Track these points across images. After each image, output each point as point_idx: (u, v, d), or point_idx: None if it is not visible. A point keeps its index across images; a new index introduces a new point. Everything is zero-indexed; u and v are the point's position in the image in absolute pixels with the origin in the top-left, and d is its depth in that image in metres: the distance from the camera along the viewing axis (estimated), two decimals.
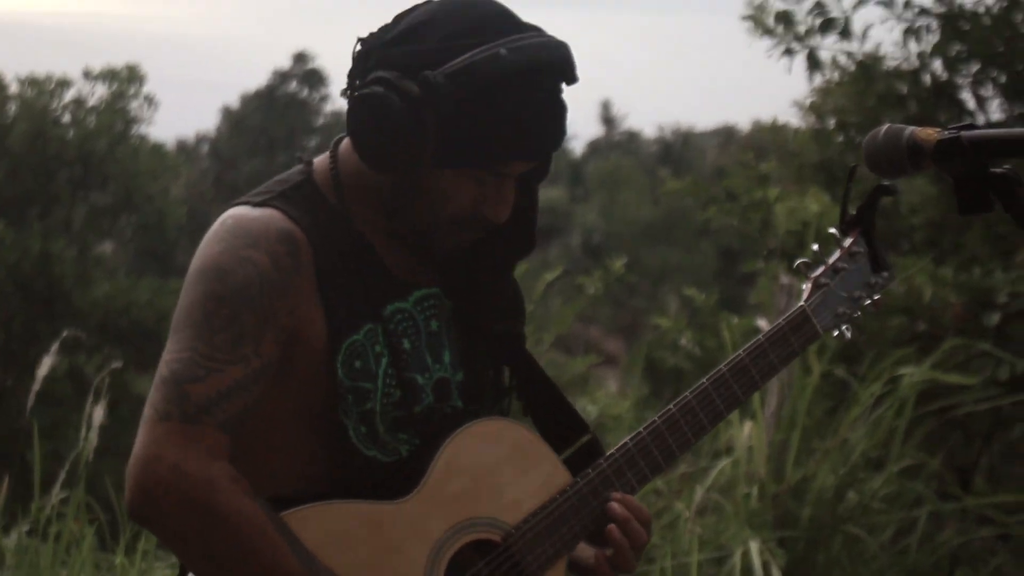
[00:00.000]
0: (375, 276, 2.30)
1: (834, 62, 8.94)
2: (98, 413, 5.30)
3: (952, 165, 2.13)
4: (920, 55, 8.64)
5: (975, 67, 8.74)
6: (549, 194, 46.89)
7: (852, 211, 2.58)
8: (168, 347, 2.20)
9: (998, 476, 7.38)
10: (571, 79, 2.29)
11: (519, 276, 2.41)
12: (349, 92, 2.29)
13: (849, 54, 8.92)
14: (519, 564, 2.30)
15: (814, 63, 9.11)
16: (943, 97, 8.65)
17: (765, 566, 5.34)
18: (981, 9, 8.50)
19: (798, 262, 2.57)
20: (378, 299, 2.29)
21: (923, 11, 8.58)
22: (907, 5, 8.58)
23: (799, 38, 8.85)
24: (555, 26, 2.35)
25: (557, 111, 2.28)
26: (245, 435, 2.23)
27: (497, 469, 2.31)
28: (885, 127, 2.18)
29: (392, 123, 2.20)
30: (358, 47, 2.30)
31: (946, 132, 2.13)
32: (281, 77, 46.42)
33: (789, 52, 9.07)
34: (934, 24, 8.61)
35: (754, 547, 5.37)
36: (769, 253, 7.55)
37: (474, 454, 2.29)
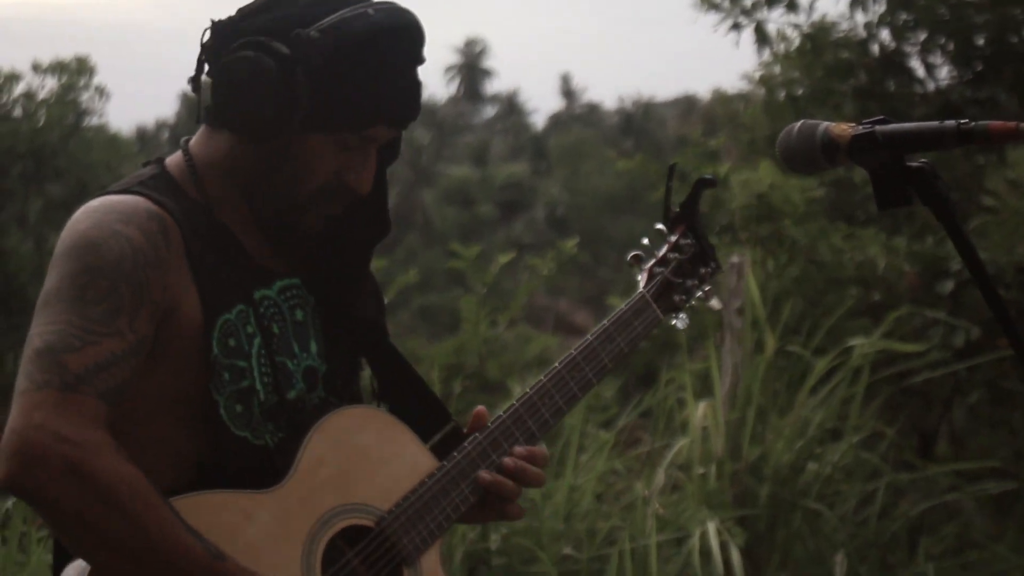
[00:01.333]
0: (239, 262, 2.30)
1: (780, 35, 8.94)
2: None
3: (867, 160, 2.13)
4: (867, 25, 8.65)
5: (922, 35, 8.75)
6: (512, 169, 46.86)
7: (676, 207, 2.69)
8: (37, 322, 2.15)
9: (960, 442, 7.42)
10: (420, 55, 2.33)
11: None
12: (208, 67, 2.28)
13: (796, 26, 8.92)
14: (395, 547, 2.31)
15: (762, 37, 9.11)
16: (892, 66, 8.66)
17: (723, 546, 5.34)
18: None
19: (630, 254, 2.66)
20: (246, 283, 2.30)
21: None
22: None
23: (746, 12, 8.85)
24: None
25: (417, 80, 2.32)
26: (118, 431, 2.18)
27: (365, 456, 2.32)
28: (799, 124, 2.17)
29: (265, 84, 2.21)
30: (207, 34, 2.29)
31: (860, 127, 2.12)
32: None
33: (737, 27, 9.08)
34: None
35: (712, 528, 5.37)
36: (721, 229, 7.57)
37: (341, 441, 2.30)
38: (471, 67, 54.63)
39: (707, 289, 2.68)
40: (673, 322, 2.64)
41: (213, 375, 2.22)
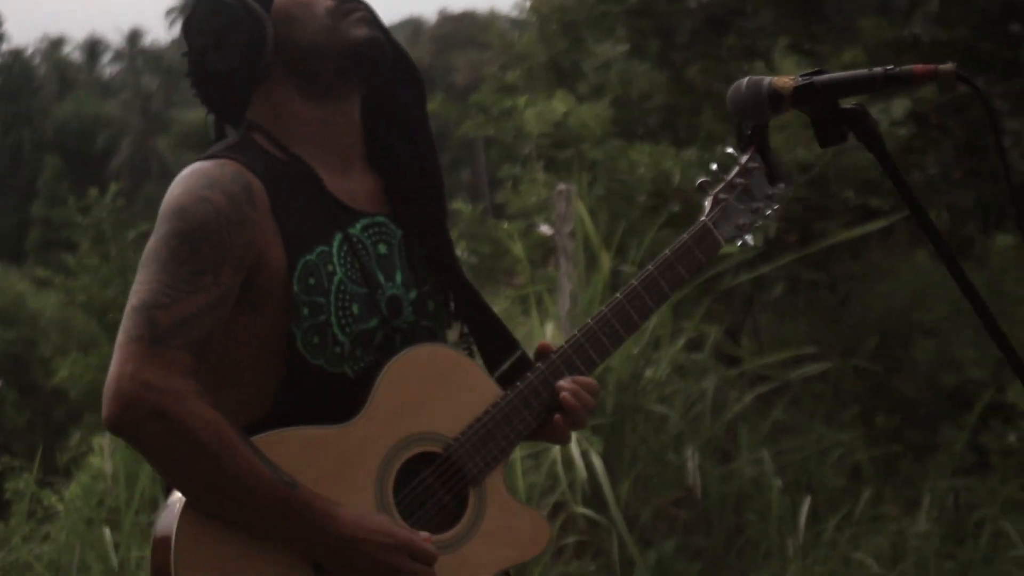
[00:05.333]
0: (324, 205, 2.57)
1: None
2: None
3: (809, 106, 2.47)
4: None
5: None
6: None
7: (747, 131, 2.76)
8: (137, 280, 2.45)
9: (762, 336, 7.98)
10: None
11: None
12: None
13: None
14: (461, 470, 2.57)
15: None
16: None
17: (584, 455, 5.73)
18: None
19: (700, 180, 2.82)
20: (329, 225, 2.56)
21: None
22: None
23: None
24: None
25: None
26: (210, 372, 2.48)
27: (433, 388, 2.56)
28: (746, 80, 2.50)
29: (215, 21, 2.58)
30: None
31: (800, 79, 2.47)
32: None
33: None
34: None
35: (572, 437, 5.73)
36: (524, 158, 7.93)
37: (411, 376, 2.55)
38: None
39: (776, 208, 2.80)
40: (739, 243, 2.78)
41: (293, 311, 2.48)
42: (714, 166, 2.79)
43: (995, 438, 8.31)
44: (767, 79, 2.50)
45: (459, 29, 47.94)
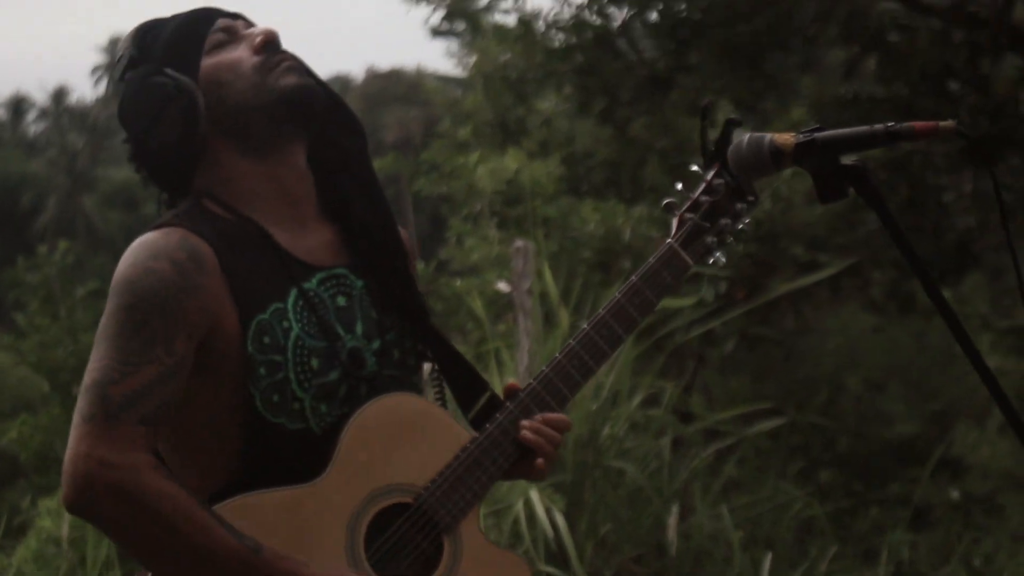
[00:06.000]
0: (278, 261, 2.55)
1: (496, 27, 9.36)
2: None
3: (809, 162, 2.49)
4: (579, 7, 9.16)
5: (627, 13, 9.31)
6: None
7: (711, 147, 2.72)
8: (91, 358, 2.44)
9: (712, 391, 8.01)
10: None
11: None
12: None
13: (506, 11, 9.37)
14: (433, 519, 2.53)
15: (475, 27, 9.52)
16: (606, 45, 9.19)
17: (548, 512, 5.72)
18: None
19: (665, 201, 2.76)
20: (283, 281, 2.54)
21: None
22: None
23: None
24: None
25: None
26: (173, 438, 2.47)
27: (400, 439, 2.52)
28: (747, 137, 2.51)
29: (148, 100, 2.56)
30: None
31: (802, 135, 2.49)
32: None
33: (450, 17, 9.46)
34: None
35: (534, 496, 5.73)
36: (476, 215, 7.96)
37: (378, 427, 2.51)
38: None
39: (747, 222, 2.76)
40: (711, 260, 2.70)
41: (250, 372, 2.46)
42: (679, 185, 2.74)
43: (938, 492, 8.40)
44: (767, 136, 2.50)
45: (387, 86, 48.09)
